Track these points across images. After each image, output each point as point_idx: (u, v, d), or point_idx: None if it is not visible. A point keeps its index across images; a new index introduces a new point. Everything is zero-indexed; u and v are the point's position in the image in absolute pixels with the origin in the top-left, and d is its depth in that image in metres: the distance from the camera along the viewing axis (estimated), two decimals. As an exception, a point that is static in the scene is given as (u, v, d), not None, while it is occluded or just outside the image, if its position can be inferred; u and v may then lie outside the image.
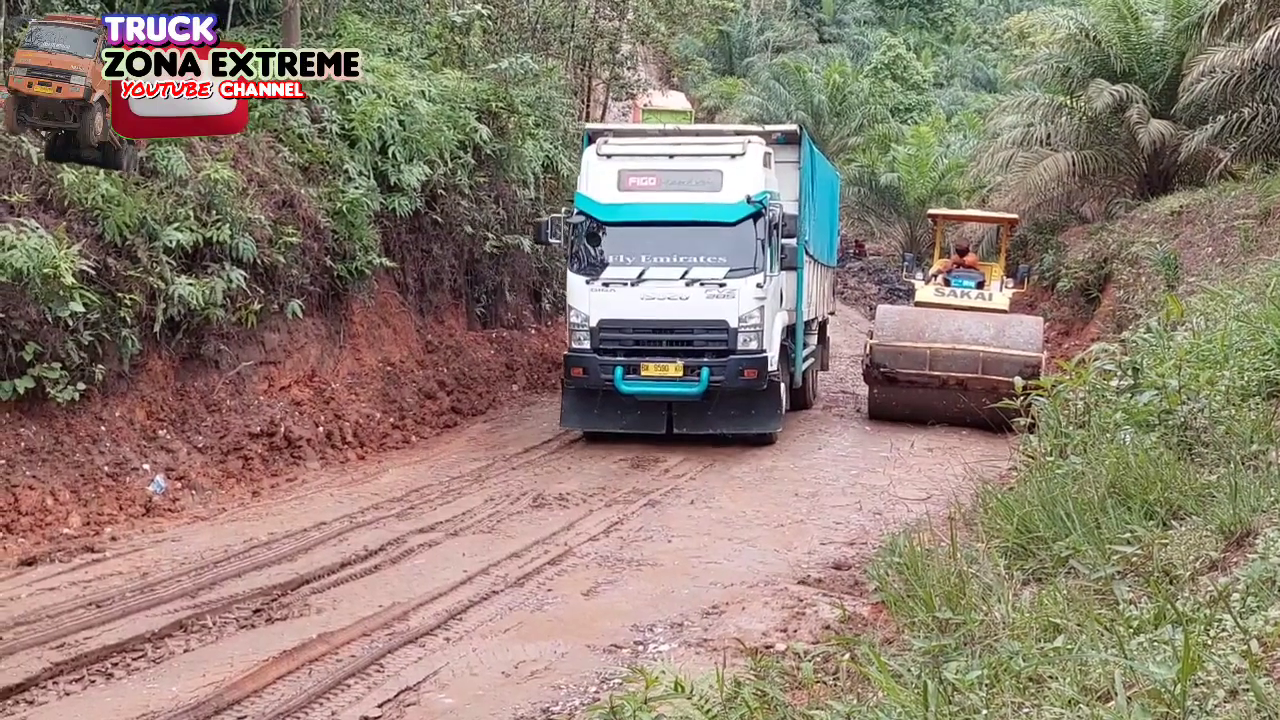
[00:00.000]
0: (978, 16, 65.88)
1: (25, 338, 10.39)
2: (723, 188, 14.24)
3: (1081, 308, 22.85)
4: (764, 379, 14.22)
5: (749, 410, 14.49)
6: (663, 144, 15.21)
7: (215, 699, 6.69)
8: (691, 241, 14.29)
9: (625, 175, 14.56)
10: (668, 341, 14.25)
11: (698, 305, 14.12)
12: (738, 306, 14.07)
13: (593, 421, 14.72)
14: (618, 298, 14.27)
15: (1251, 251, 15.68)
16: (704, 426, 14.47)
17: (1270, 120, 20.58)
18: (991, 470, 10.25)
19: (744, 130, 16.12)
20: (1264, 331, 8.17)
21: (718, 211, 14.21)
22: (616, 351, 14.25)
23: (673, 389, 14.19)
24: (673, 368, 14.11)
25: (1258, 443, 6.31)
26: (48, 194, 11.08)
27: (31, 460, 10.37)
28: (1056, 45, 26.03)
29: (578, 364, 14.40)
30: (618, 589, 9.10)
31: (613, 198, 14.53)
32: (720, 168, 14.41)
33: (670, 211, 14.32)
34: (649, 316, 14.22)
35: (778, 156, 15.46)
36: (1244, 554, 4.79)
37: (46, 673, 7.04)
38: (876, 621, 7.41)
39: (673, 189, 14.35)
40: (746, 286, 14.09)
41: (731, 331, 14.04)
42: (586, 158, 15.06)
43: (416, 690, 6.98)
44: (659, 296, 14.17)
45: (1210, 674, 3.48)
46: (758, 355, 14.17)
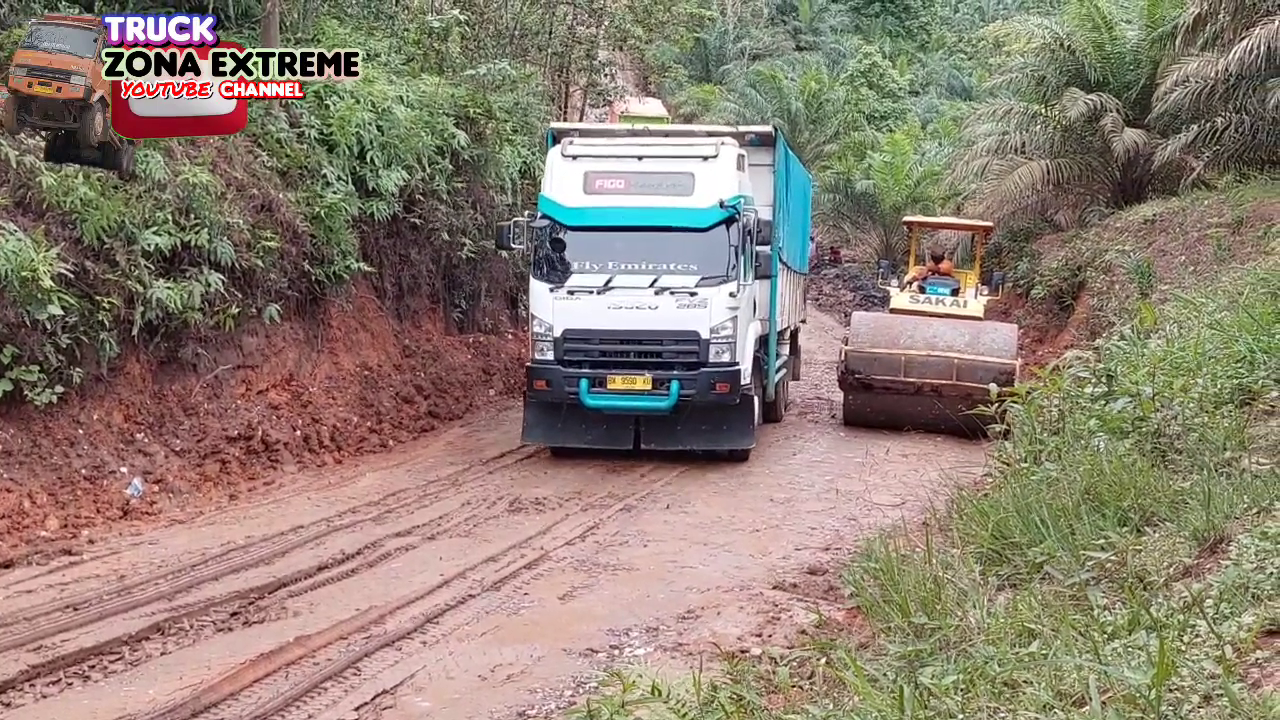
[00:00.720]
0: (953, 25, 66.24)
1: (3, 340, 10.32)
2: (694, 191, 13.57)
3: (1055, 315, 23.00)
4: (737, 393, 13.54)
5: (720, 425, 13.83)
6: (631, 145, 14.47)
7: (192, 702, 6.68)
8: (661, 248, 13.61)
9: (591, 177, 13.86)
10: (636, 353, 13.57)
11: (667, 315, 13.41)
12: (709, 317, 13.36)
13: (556, 436, 14.03)
14: (583, 307, 13.55)
15: (1224, 260, 15.82)
16: (673, 442, 13.78)
17: (1243, 130, 20.73)
18: (966, 476, 10.28)
19: (717, 131, 15.28)
20: (1236, 339, 8.24)
21: (689, 216, 13.54)
22: (582, 363, 13.53)
23: (641, 403, 13.50)
24: (641, 381, 13.39)
25: (1230, 449, 6.36)
26: (26, 197, 11.00)
27: (9, 463, 10.30)
28: (1031, 54, 26.20)
29: (540, 376, 13.64)
30: (594, 593, 9.11)
31: (578, 201, 13.82)
32: (692, 170, 13.73)
33: (639, 216, 13.61)
34: (616, 327, 13.53)
35: (751, 159, 14.90)
36: (1217, 560, 4.82)
37: (23, 675, 7.00)
38: (851, 626, 7.43)
39: (642, 192, 13.64)
40: (719, 296, 13.37)
41: (703, 343, 13.36)
42: (551, 159, 14.36)
43: (393, 694, 6.97)
44: (627, 305, 13.46)
45: (1184, 679, 3.50)
46: (730, 368, 13.48)
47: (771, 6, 61.22)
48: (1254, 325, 8.28)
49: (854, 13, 63.54)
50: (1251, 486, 5.60)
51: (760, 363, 14.97)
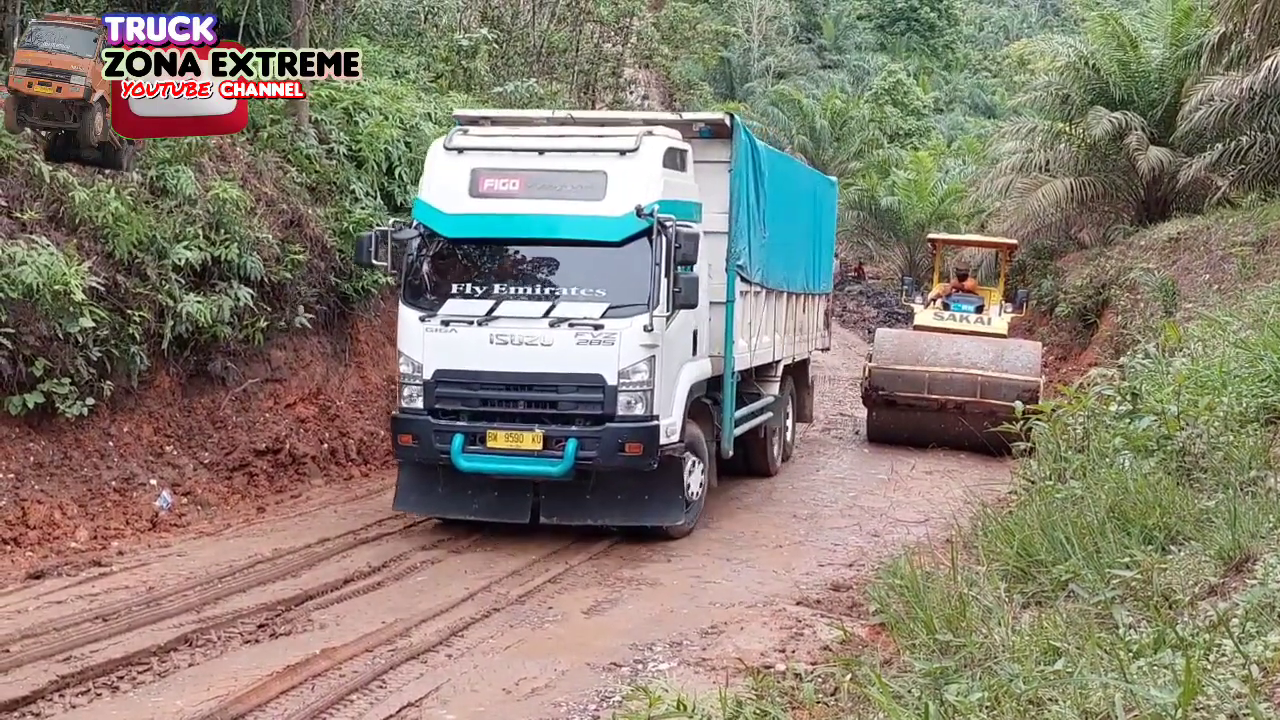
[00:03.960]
0: (978, 43, 66.24)
1: (35, 353, 10.42)
2: (606, 195, 10.36)
3: (1079, 333, 22.89)
4: (654, 455, 10.29)
5: (641, 495, 10.68)
6: (533, 136, 11.29)
7: (219, 713, 6.69)
8: (561, 267, 10.65)
9: (480, 176, 10.63)
10: (525, 403, 10.45)
11: (564, 354, 10.23)
12: (618, 357, 10.16)
13: (435, 504, 10.99)
14: (460, 342, 10.41)
15: (1249, 279, 15.70)
16: (581, 515, 10.69)
17: (1268, 148, 20.63)
18: (991, 494, 10.24)
19: (655, 119, 12.00)
20: (1262, 358, 8.17)
21: (596, 227, 10.35)
22: (458, 414, 10.47)
23: (527, 467, 10.31)
24: (529, 438, 10.22)
25: (1256, 469, 6.31)
26: (59, 211, 11.12)
27: (40, 475, 10.40)
28: (1056, 73, 26.15)
29: (406, 430, 10.58)
30: (617, 607, 9.10)
31: (460, 206, 10.63)
32: (604, 168, 10.48)
33: (533, 225, 10.52)
34: (499, 368, 10.38)
35: (702, 155, 11.70)
36: (1243, 579, 4.78)
37: (53, 685, 7.03)
38: (875, 643, 7.40)
39: (540, 195, 10.50)
40: (630, 330, 10.14)
41: (609, 390, 10.18)
42: (432, 153, 11.19)
43: (418, 706, 6.97)
44: (514, 341, 10.28)
45: (1210, 699, 3.48)
46: (644, 423, 10.25)
47: (796, 25, 61.29)
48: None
49: (879, 31, 63.58)
50: (1277, 506, 5.56)
51: (707, 411, 11.84)
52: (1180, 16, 24.13)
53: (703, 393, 11.53)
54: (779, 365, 14.36)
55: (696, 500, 11.29)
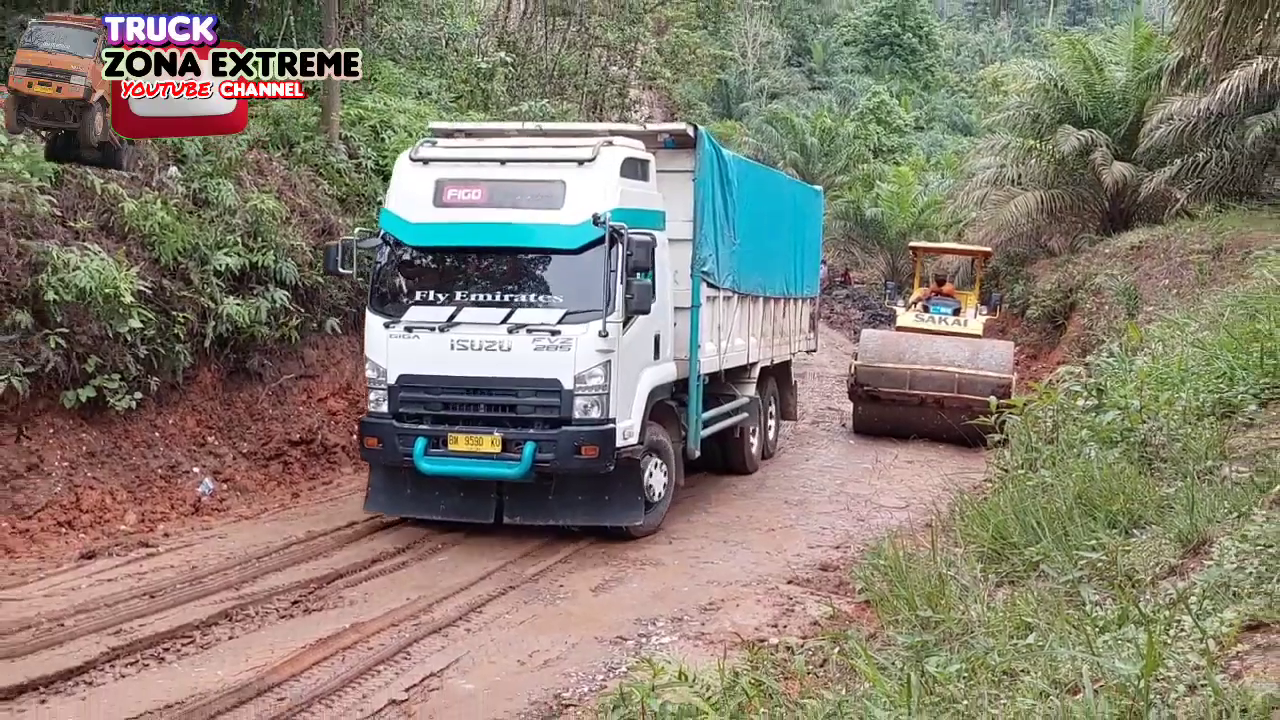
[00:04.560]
0: (955, 66, 66.13)
1: (88, 351, 10.43)
2: (565, 204, 9.89)
3: (1048, 333, 22.86)
4: (609, 458, 9.80)
5: (601, 495, 10.18)
6: (497, 147, 10.76)
7: (257, 682, 6.72)
8: (520, 274, 10.17)
9: (444, 187, 10.19)
10: (486, 406, 9.96)
11: (522, 359, 9.74)
12: (574, 361, 9.70)
13: (405, 504, 10.48)
14: (422, 347, 9.98)
15: (1205, 284, 15.67)
16: (544, 515, 10.20)
17: (1223, 163, 20.68)
18: (967, 481, 10.23)
19: (620, 130, 11.24)
20: (1217, 357, 8.18)
21: (554, 235, 9.89)
22: (421, 418, 10.04)
23: (487, 469, 9.83)
24: (488, 441, 9.75)
25: (1212, 459, 6.30)
26: (110, 221, 11.13)
27: (92, 463, 10.41)
28: (1027, 94, 26.09)
29: (372, 433, 10.13)
30: (623, 586, 9.10)
31: (425, 215, 10.20)
32: (563, 178, 10.00)
33: (493, 234, 10.03)
34: (460, 373, 9.90)
35: (667, 165, 11.22)
36: (1200, 561, 4.78)
37: (104, 656, 7.06)
38: (860, 619, 7.40)
39: (502, 205, 10.01)
40: (586, 336, 9.67)
41: (565, 394, 9.71)
42: (399, 164, 10.75)
43: (440, 676, 7.00)
44: (474, 346, 9.83)
45: (1171, 670, 3.48)
46: (600, 427, 9.76)
47: (788, 49, 61.27)
48: (1234, 344, 8.21)
49: (864, 55, 63.47)
50: (1232, 493, 5.55)
51: (673, 413, 11.24)
52: (1142, 42, 24.12)
53: (667, 395, 11.04)
54: (755, 368, 13.82)
55: (660, 500, 10.73)
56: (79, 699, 6.51)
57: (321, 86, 15.28)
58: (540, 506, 10.17)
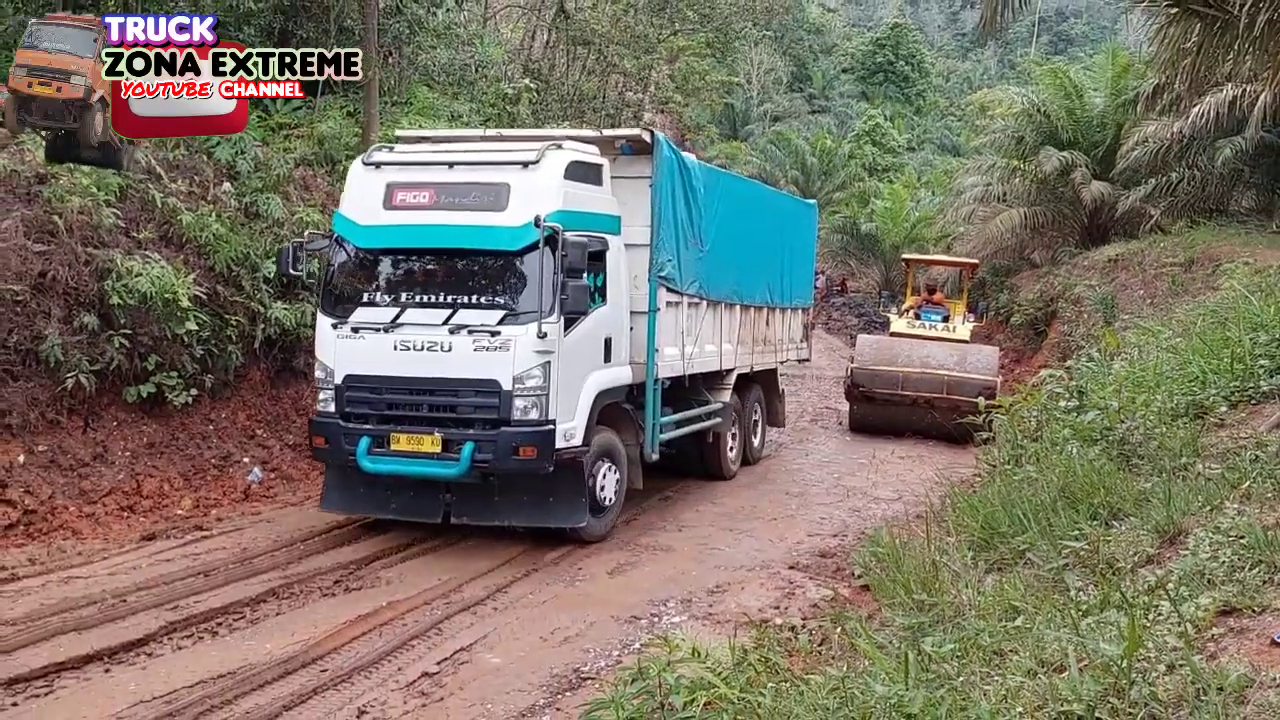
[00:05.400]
0: (945, 92, 65.96)
1: (149, 350, 10.49)
2: (508, 206, 9.21)
3: (1031, 339, 22.77)
4: (548, 459, 9.06)
5: (546, 497, 9.44)
6: (447, 151, 10.10)
7: (302, 654, 6.74)
8: (464, 275, 9.49)
9: (394, 190, 9.53)
10: (428, 406, 9.26)
11: (463, 360, 9.03)
12: (513, 362, 8.96)
13: (358, 503, 9.78)
14: (367, 348, 9.30)
15: (1178, 294, 15.60)
16: (490, 516, 9.48)
17: (1195, 183, 20.61)
18: (956, 476, 10.20)
19: (575, 136, 10.57)
20: (1190, 362, 8.14)
21: (496, 236, 9.18)
22: (367, 417, 9.33)
23: (426, 469, 9.13)
24: (429, 441, 9.06)
25: (1186, 456, 6.27)
26: (169, 231, 11.18)
27: (152, 453, 10.45)
28: (1012, 118, 26.00)
29: (320, 432, 9.49)
30: (637, 570, 9.09)
31: (374, 218, 9.54)
32: (507, 180, 9.32)
33: (439, 236, 9.38)
34: (402, 373, 9.21)
35: (623, 171, 10.48)
36: (1176, 551, 4.75)
37: (162, 630, 7.09)
38: (856, 602, 7.37)
39: (448, 207, 9.36)
40: (525, 337, 8.93)
41: (504, 395, 8.96)
42: (352, 169, 10.00)
43: (469, 651, 7.00)
44: (416, 347, 9.15)
45: (1151, 651, 3.46)
46: (539, 428, 9.02)
47: (789, 76, 61.17)
48: (1205, 350, 8.18)
49: (860, 81, 63.38)
50: (1205, 488, 5.52)
51: (628, 416, 10.48)
52: (1119, 70, 24.02)
53: (621, 398, 10.26)
54: (731, 374, 12.88)
55: (612, 504, 9.99)
56: (140, 668, 6.53)
57: (362, 109, 15.35)
58: (486, 507, 9.47)
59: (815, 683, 4.12)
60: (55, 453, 9.72)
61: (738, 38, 33.78)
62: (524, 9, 26.33)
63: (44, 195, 10.22)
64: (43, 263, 9.87)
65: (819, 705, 3.84)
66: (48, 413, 9.81)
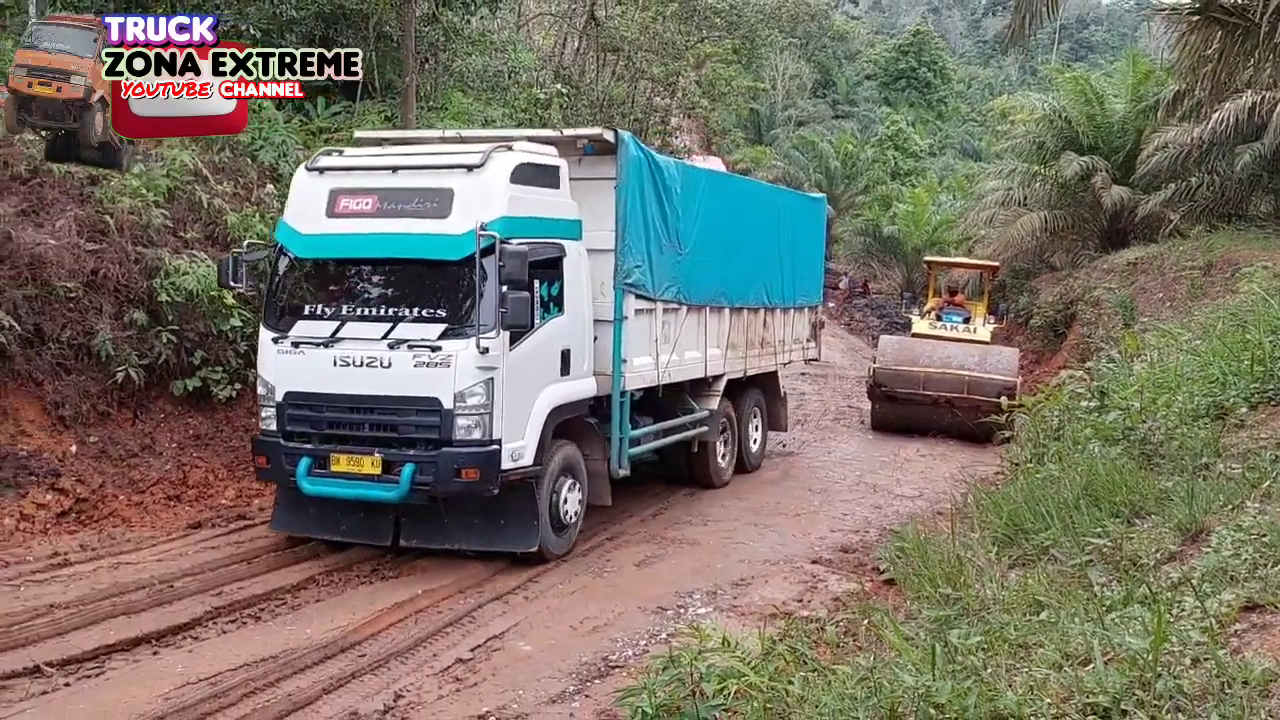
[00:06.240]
0: (967, 98, 65.50)
1: (195, 346, 10.61)
2: (451, 213, 8.34)
3: (1050, 341, 22.60)
4: (493, 480, 8.22)
5: (497, 519, 8.69)
6: (391, 155, 9.27)
7: (341, 640, 6.80)
8: (405, 287, 8.69)
9: (337, 196, 8.70)
10: (369, 425, 8.43)
11: (403, 376, 8.24)
12: (454, 379, 8.15)
13: (308, 524, 8.96)
14: (307, 363, 8.51)
15: (1197, 297, 15.44)
16: (440, 539, 8.75)
17: (1214, 188, 20.40)
18: (977, 474, 10.14)
19: (532, 135, 9.70)
20: (1210, 364, 8.07)
21: (437, 245, 8.31)
22: (309, 436, 8.57)
23: (365, 491, 8.31)
24: (369, 462, 8.29)
25: (1207, 456, 6.22)
26: (214, 231, 11.29)
27: (197, 444, 10.56)
28: (1033, 123, 25.82)
29: (261, 452, 8.75)
30: (663, 562, 9.09)
31: (316, 226, 8.72)
32: (450, 185, 8.46)
33: (379, 245, 8.56)
34: (342, 390, 8.41)
35: (587, 172, 9.62)
36: (1199, 548, 4.71)
37: (207, 614, 7.19)
38: (879, 596, 7.36)
39: (391, 214, 8.53)
40: (467, 352, 8.11)
41: (445, 414, 8.16)
42: (297, 175, 9.22)
43: (501, 638, 7.05)
44: (355, 363, 8.35)
45: (1175, 645, 3.43)
46: (483, 448, 8.20)
47: (814, 81, 60.92)
48: (1225, 352, 8.10)
49: (883, 87, 63.02)
50: (1226, 487, 5.48)
51: (591, 430, 9.67)
52: (1140, 77, 23.81)
53: (584, 412, 9.46)
54: (720, 380, 11.97)
55: (572, 523, 9.23)
56: (186, 651, 6.62)
57: (399, 115, 15.43)
58: (437, 530, 8.74)
59: (843, 673, 4.12)
60: (106, 443, 9.85)
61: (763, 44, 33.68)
62: (555, 16, 26.35)
63: (96, 196, 10.35)
64: (95, 261, 10.01)
65: (847, 695, 3.84)
66: (99, 405, 9.95)
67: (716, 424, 11.91)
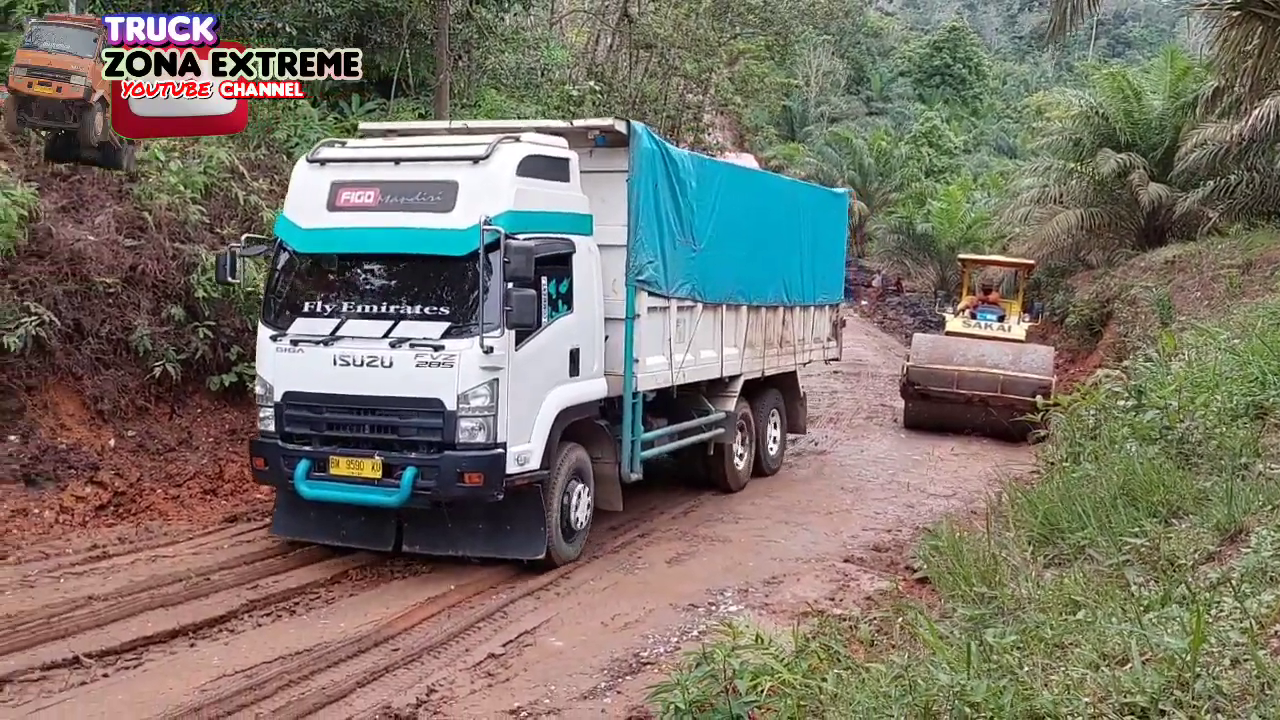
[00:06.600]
0: (1002, 94, 64.94)
1: (231, 341, 10.72)
2: (455, 206, 7.99)
3: (1086, 340, 22.36)
4: (497, 486, 7.91)
5: (503, 524, 8.38)
6: (395, 146, 8.91)
7: (375, 634, 6.85)
8: (407, 283, 8.33)
9: (338, 189, 8.34)
10: (369, 427, 8.12)
11: (404, 377, 7.93)
12: (457, 380, 7.83)
13: (308, 528, 8.71)
14: (307, 362, 8.22)
15: (1235, 296, 15.23)
16: (444, 545, 8.45)
17: (1253, 185, 20.12)
18: (1011, 473, 10.06)
19: (541, 126, 9.40)
20: (1249, 363, 7.95)
21: (441, 240, 7.95)
22: (308, 438, 8.27)
23: (365, 496, 8.04)
24: (369, 465, 8.00)
25: (1246, 456, 6.13)
26: (250, 228, 11.37)
27: (233, 439, 10.67)
28: (1069, 120, 25.54)
29: (259, 454, 8.49)
30: (695, 559, 9.09)
31: (316, 221, 8.37)
32: (455, 178, 8.09)
33: (381, 239, 8.20)
34: (342, 391, 8.11)
35: (599, 165, 9.23)
36: (1237, 549, 4.66)
37: (243, 608, 7.26)
38: (911, 595, 7.32)
39: (393, 208, 8.18)
40: (471, 352, 7.79)
41: (448, 416, 7.85)
42: (297, 168, 8.81)
43: (533, 634, 7.06)
44: (356, 362, 8.04)
45: (1214, 646, 3.40)
46: (487, 452, 7.87)
47: (847, 78, 60.67)
48: (1265, 351, 7.98)
49: (917, 84, 62.66)
50: (1266, 487, 5.41)
51: (602, 433, 9.35)
52: (1179, 73, 23.50)
53: (594, 413, 9.13)
54: (737, 381, 11.55)
55: (581, 528, 8.93)
56: (222, 643, 6.69)
57: (433, 113, 15.51)
58: (440, 535, 8.46)
59: (877, 671, 4.10)
60: (143, 438, 9.98)
61: (797, 41, 33.57)
62: (589, 13, 26.41)
63: (134, 193, 10.48)
64: (133, 257, 10.15)
65: (881, 693, 3.82)
66: (137, 400, 10.09)
67: (733, 426, 11.51)
